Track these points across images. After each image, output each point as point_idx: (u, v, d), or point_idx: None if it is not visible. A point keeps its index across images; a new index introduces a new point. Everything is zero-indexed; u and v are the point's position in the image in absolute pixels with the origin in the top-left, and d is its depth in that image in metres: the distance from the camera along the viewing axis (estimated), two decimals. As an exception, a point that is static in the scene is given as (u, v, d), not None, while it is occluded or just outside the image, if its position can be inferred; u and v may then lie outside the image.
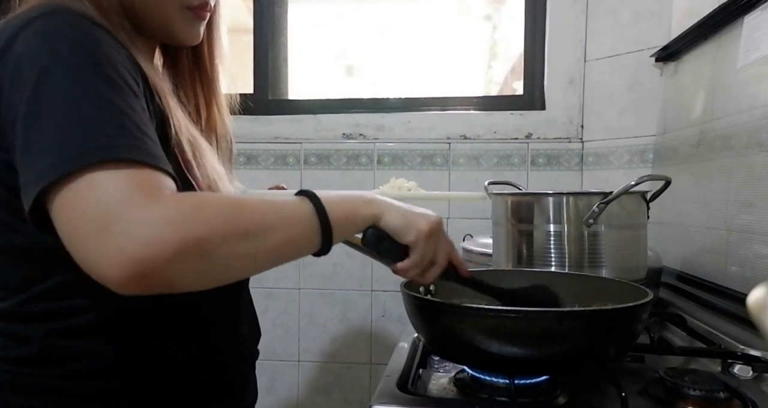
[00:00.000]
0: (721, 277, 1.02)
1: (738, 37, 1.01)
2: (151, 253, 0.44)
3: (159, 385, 0.63)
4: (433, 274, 0.66)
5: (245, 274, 0.56)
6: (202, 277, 0.50)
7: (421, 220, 0.63)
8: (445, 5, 1.80)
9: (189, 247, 0.46)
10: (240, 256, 0.50)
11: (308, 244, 0.56)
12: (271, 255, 0.54)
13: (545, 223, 0.94)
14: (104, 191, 0.46)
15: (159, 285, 0.46)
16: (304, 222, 0.55)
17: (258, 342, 0.79)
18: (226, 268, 0.51)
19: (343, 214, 0.59)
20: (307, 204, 0.56)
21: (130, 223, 0.45)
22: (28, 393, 0.59)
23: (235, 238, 0.49)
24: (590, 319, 0.63)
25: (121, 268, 0.44)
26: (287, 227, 0.54)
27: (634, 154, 1.47)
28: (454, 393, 0.70)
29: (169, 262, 0.45)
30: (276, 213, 0.54)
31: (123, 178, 0.47)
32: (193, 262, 0.47)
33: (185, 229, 0.46)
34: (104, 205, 0.45)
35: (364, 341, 1.67)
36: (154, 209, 0.46)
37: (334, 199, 0.58)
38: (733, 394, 0.66)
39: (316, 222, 0.56)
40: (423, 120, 1.64)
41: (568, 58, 1.56)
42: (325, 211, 0.56)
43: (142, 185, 0.47)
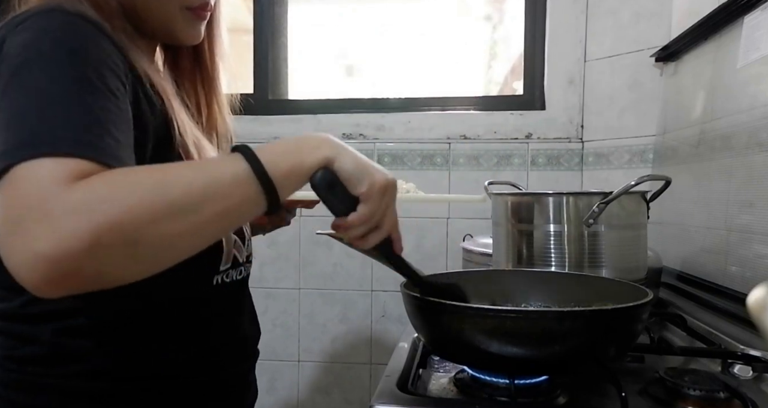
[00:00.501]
0: (721, 277, 1.02)
1: (738, 37, 1.01)
2: (63, 249, 0.40)
3: (160, 386, 0.63)
4: (375, 240, 0.57)
5: (185, 253, 0.48)
6: (134, 265, 0.45)
7: (378, 173, 0.55)
8: (445, 5, 1.80)
9: (106, 235, 0.41)
10: (172, 235, 0.45)
11: (252, 207, 0.50)
12: (210, 228, 0.48)
13: (545, 223, 0.94)
14: (22, 186, 0.43)
15: (83, 283, 0.43)
16: (242, 185, 0.49)
17: (258, 342, 0.79)
18: (160, 251, 0.46)
19: (288, 164, 0.51)
20: (242, 163, 0.49)
21: (42, 218, 0.41)
22: (32, 392, 0.59)
23: (163, 216, 0.44)
24: (590, 319, 0.63)
25: (36, 270, 0.41)
26: (223, 195, 0.48)
27: (634, 154, 1.47)
28: (454, 393, 0.70)
29: (86, 256, 0.40)
30: (208, 180, 0.48)
31: (45, 171, 0.43)
32: (116, 250, 0.42)
33: (98, 215, 0.41)
34: (18, 201, 0.42)
35: (364, 341, 1.67)
36: (64, 199, 0.42)
37: (275, 150, 0.52)
38: (733, 394, 0.66)
39: (255, 182, 0.49)
40: (423, 120, 1.64)
41: (568, 58, 1.56)
42: (264, 169, 0.49)
43: (62, 175, 0.43)
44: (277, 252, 1.68)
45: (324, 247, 1.65)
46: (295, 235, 1.67)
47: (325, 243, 1.63)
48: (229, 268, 0.69)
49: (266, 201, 0.50)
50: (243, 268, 0.72)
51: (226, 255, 0.67)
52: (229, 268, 0.68)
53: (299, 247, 1.67)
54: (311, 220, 1.61)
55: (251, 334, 0.76)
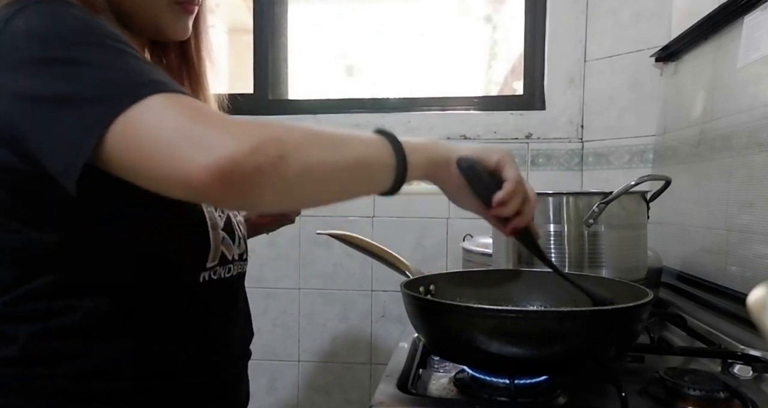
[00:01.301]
0: (721, 277, 1.02)
1: (738, 37, 1.01)
2: (233, 150, 0.44)
3: (143, 386, 0.62)
4: (532, 211, 0.66)
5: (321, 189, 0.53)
6: (282, 184, 0.48)
7: (494, 147, 0.65)
8: (445, 5, 1.80)
9: (268, 144, 0.46)
10: (318, 161, 0.50)
11: (382, 175, 0.56)
12: (348, 171, 0.53)
13: (545, 223, 0.94)
14: (173, 111, 0.47)
15: (241, 190, 0.46)
16: (381, 151, 0.56)
17: (249, 342, 0.78)
18: (305, 176, 0.49)
19: (418, 150, 0.59)
20: (383, 140, 0.57)
21: (211, 129, 0.45)
22: (16, 394, 0.58)
23: (311, 143, 0.50)
24: (590, 319, 0.63)
25: (207, 169, 0.44)
26: (364, 148, 0.55)
27: (634, 154, 1.47)
28: (454, 393, 0.70)
29: (248, 155, 0.45)
30: (351, 134, 0.55)
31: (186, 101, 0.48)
32: (272, 162, 0.46)
33: (264, 130, 0.47)
34: (178, 119, 0.46)
35: (364, 341, 1.67)
36: (230, 120, 0.47)
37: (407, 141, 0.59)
38: (733, 394, 0.66)
39: (393, 154, 0.56)
40: (423, 120, 1.64)
41: (568, 58, 1.56)
42: (402, 148, 0.57)
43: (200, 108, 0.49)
44: (277, 252, 1.68)
45: (324, 247, 1.65)
46: (295, 235, 1.67)
47: (325, 243, 1.63)
48: (216, 265, 0.67)
49: (395, 173, 0.57)
50: (233, 266, 0.71)
51: (213, 251, 0.66)
52: (216, 266, 0.67)
53: (299, 247, 1.67)
54: (311, 220, 1.62)
55: (243, 335, 0.75)
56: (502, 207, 0.63)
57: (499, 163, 0.63)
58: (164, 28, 0.68)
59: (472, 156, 0.63)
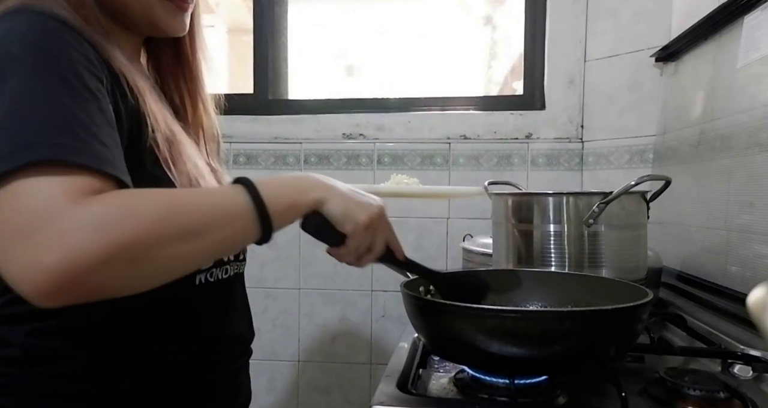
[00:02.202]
0: (721, 277, 1.02)
1: (738, 37, 1.01)
2: (73, 262, 0.41)
3: (141, 387, 0.62)
4: (368, 260, 0.66)
5: (183, 273, 0.52)
6: (136, 282, 0.47)
7: (361, 212, 0.61)
8: (445, 5, 1.80)
9: (116, 253, 0.43)
10: (175, 257, 0.48)
11: (247, 237, 0.55)
12: (209, 253, 0.54)
13: (545, 223, 0.94)
14: (28, 197, 0.43)
15: (83, 295, 0.44)
16: (243, 216, 0.53)
17: (250, 342, 0.78)
18: (162, 271, 0.49)
19: (284, 203, 0.57)
20: (245, 196, 0.54)
21: (51, 231, 0.42)
22: (18, 394, 0.58)
23: (169, 240, 0.47)
24: (590, 319, 0.63)
25: (40, 281, 0.41)
26: (225, 224, 0.52)
27: (634, 154, 1.47)
28: (454, 393, 0.70)
29: (94, 271, 0.42)
30: (213, 209, 0.52)
31: (51, 182, 0.44)
32: (123, 268, 0.44)
33: (112, 235, 0.43)
34: (26, 213, 0.43)
35: (364, 341, 1.67)
36: (78, 215, 0.43)
37: (274, 188, 0.56)
38: (733, 394, 0.66)
39: (255, 215, 0.53)
40: (423, 120, 1.64)
41: (568, 58, 1.56)
42: (263, 203, 0.54)
43: (72, 190, 0.44)
44: (277, 252, 1.68)
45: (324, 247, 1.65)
46: (295, 235, 1.67)
47: (325, 243, 1.63)
48: (212, 267, 0.67)
49: (261, 234, 0.55)
50: (229, 267, 0.71)
51: None
52: (212, 268, 0.67)
53: (299, 247, 1.67)
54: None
55: (242, 334, 0.75)
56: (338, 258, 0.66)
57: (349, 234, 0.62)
58: (158, 23, 0.67)
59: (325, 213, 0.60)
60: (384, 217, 0.65)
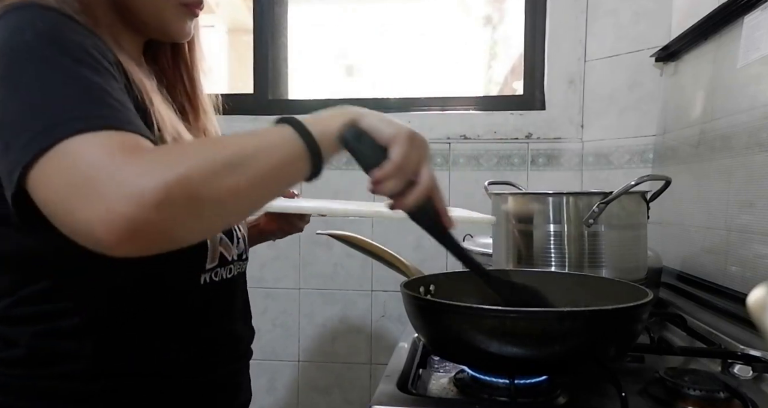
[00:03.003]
0: (721, 277, 1.02)
1: (738, 37, 1.01)
2: (137, 205, 0.42)
3: (145, 386, 0.62)
4: (415, 196, 0.57)
5: (242, 209, 0.52)
6: (198, 221, 0.47)
7: (400, 124, 0.57)
8: (445, 5, 1.80)
9: (173, 189, 0.43)
10: (229, 188, 0.47)
11: (298, 168, 0.53)
12: (263, 183, 0.51)
13: (545, 223, 0.94)
14: (84, 156, 0.45)
15: (154, 239, 0.45)
16: (289, 144, 0.52)
17: (251, 342, 0.78)
18: (221, 206, 0.48)
19: (324, 127, 0.55)
20: (288, 128, 0.53)
21: (113, 182, 0.43)
22: (19, 394, 0.59)
23: (218, 171, 0.46)
24: (590, 319, 0.63)
25: (113, 228, 0.42)
26: (272, 152, 0.51)
27: (634, 154, 1.47)
28: (454, 393, 0.70)
29: (157, 210, 0.43)
30: (256, 140, 0.52)
31: (101, 141, 0.46)
32: (183, 205, 0.44)
33: (165, 174, 0.44)
34: (86, 169, 0.44)
35: (364, 341, 1.67)
36: (133, 164, 0.44)
37: (311, 118, 0.56)
38: (733, 394, 0.66)
39: (302, 143, 0.53)
40: (423, 120, 1.64)
41: (568, 58, 1.56)
42: (307, 129, 0.53)
43: (121, 146, 0.46)
44: (277, 252, 1.68)
45: (324, 247, 1.65)
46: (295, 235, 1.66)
47: (325, 243, 1.63)
48: (217, 266, 0.67)
49: (310, 161, 0.53)
50: (233, 267, 0.71)
51: (211, 253, 0.66)
52: (216, 267, 0.67)
53: (299, 247, 1.67)
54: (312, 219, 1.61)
55: (243, 334, 0.76)
56: (378, 185, 0.56)
57: (391, 140, 0.56)
58: (169, 28, 0.68)
59: (363, 126, 0.57)
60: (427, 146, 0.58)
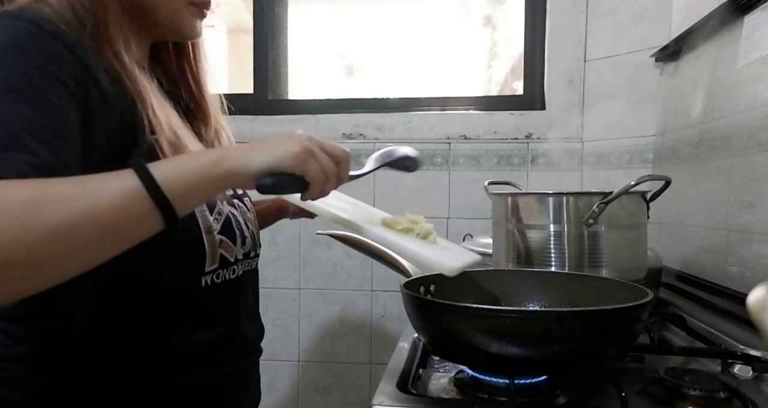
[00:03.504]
0: (721, 277, 1.02)
1: (738, 37, 1.01)
2: None
3: (152, 386, 0.63)
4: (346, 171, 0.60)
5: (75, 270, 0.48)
6: (28, 283, 0.45)
7: (287, 144, 0.53)
8: (445, 5, 1.80)
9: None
10: (53, 256, 0.44)
11: (144, 224, 0.48)
12: (96, 247, 0.47)
13: (545, 223, 0.94)
14: None
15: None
16: (129, 202, 0.47)
17: (260, 340, 0.79)
18: (45, 270, 0.45)
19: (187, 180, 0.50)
20: (132, 178, 0.47)
21: None
22: (26, 391, 0.61)
23: (41, 240, 0.43)
24: (590, 319, 0.62)
25: None
26: (106, 213, 0.46)
27: (634, 154, 1.47)
28: (454, 393, 0.70)
29: None
30: (89, 198, 0.46)
31: None
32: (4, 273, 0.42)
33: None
34: None
35: (364, 341, 1.67)
36: None
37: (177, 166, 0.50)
38: (733, 394, 0.66)
39: (148, 199, 0.47)
40: (423, 120, 1.64)
41: (568, 58, 1.56)
42: (156, 184, 0.47)
43: None
44: (277, 252, 1.68)
45: (324, 247, 1.65)
46: (295, 235, 1.67)
47: (325, 243, 1.63)
48: (218, 268, 0.67)
49: (162, 217, 0.48)
50: (237, 267, 0.71)
51: (210, 256, 0.65)
52: (217, 269, 0.67)
53: (299, 247, 1.67)
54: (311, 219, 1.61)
55: (250, 332, 0.76)
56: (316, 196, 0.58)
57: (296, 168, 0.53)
58: (181, 27, 0.70)
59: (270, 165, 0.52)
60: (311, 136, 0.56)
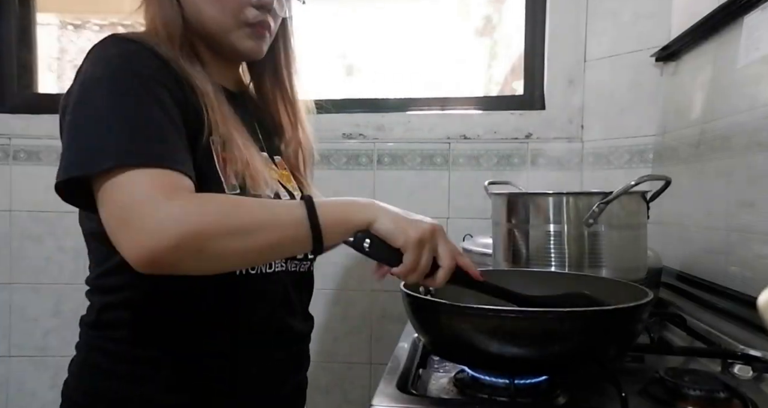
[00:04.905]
0: (721, 277, 1.01)
1: (738, 37, 1.01)
2: (157, 244, 0.55)
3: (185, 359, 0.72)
4: (441, 277, 0.66)
5: (240, 265, 0.65)
6: (199, 265, 0.59)
7: (412, 227, 0.64)
8: (445, 5, 1.80)
9: (187, 240, 0.56)
10: (232, 250, 0.59)
11: (299, 245, 0.63)
12: (262, 251, 0.62)
13: (545, 223, 0.94)
14: (131, 190, 0.58)
15: (167, 269, 0.58)
16: (296, 224, 0.61)
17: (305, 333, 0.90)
18: (220, 260, 0.60)
19: (335, 218, 0.63)
20: (301, 208, 0.62)
21: (145, 219, 0.56)
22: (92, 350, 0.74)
23: (228, 234, 0.58)
24: (590, 319, 0.63)
25: (137, 254, 0.56)
26: (278, 228, 0.61)
27: (634, 154, 1.47)
28: (454, 393, 0.70)
29: (170, 252, 0.56)
30: (269, 214, 0.61)
31: (147, 179, 0.58)
32: (191, 252, 0.57)
33: (186, 225, 0.56)
34: (129, 202, 0.57)
35: (364, 341, 1.67)
36: (165, 207, 0.57)
37: (329, 205, 0.64)
38: (733, 394, 0.66)
39: (307, 225, 0.61)
40: (423, 120, 1.64)
41: (568, 58, 1.56)
42: (316, 215, 0.61)
43: (162, 186, 0.58)
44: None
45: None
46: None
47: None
48: None
49: (312, 243, 0.62)
50: (273, 263, 0.76)
51: None
52: None
53: (299, 247, 1.67)
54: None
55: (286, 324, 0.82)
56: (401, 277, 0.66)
57: (403, 247, 0.64)
58: (238, 48, 0.77)
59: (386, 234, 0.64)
60: (439, 234, 0.66)
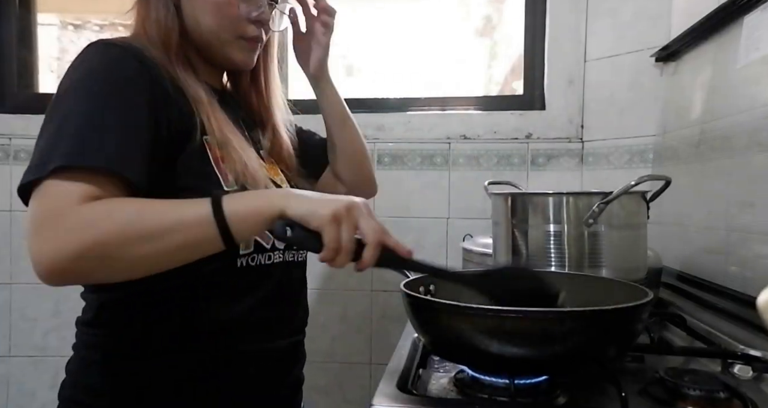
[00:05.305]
0: (721, 277, 1.01)
1: (738, 37, 1.01)
2: (59, 255, 0.56)
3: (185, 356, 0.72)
4: (369, 255, 0.62)
5: (154, 269, 0.62)
6: (110, 273, 0.60)
7: (324, 205, 0.60)
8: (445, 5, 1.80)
9: (88, 250, 0.56)
10: (140, 256, 0.58)
11: (209, 243, 0.61)
12: (172, 254, 0.61)
13: (545, 223, 0.94)
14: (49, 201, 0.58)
15: (73, 280, 0.60)
16: (201, 222, 0.60)
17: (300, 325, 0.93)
18: (130, 266, 0.60)
19: (244, 211, 0.61)
20: (207, 205, 0.60)
21: (52, 230, 0.57)
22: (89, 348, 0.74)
23: (134, 240, 0.58)
24: (590, 319, 0.63)
25: (41, 266, 0.57)
26: (185, 228, 0.59)
27: (634, 154, 1.47)
28: (454, 393, 0.70)
29: (72, 262, 0.56)
30: (176, 215, 0.60)
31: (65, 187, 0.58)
32: (95, 261, 0.57)
33: (87, 235, 0.56)
34: (44, 213, 0.58)
35: (364, 341, 1.67)
36: (69, 217, 0.57)
37: (238, 198, 0.62)
38: (733, 394, 0.66)
39: (213, 222, 0.59)
40: (423, 120, 1.64)
41: (568, 58, 1.56)
42: (221, 210, 0.60)
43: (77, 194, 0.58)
44: (277, 252, 1.68)
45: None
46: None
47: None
48: (252, 252, 0.75)
49: (222, 240, 0.60)
50: (273, 254, 0.79)
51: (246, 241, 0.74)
52: (252, 253, 0.75)
53: (299, 247, 1.67)
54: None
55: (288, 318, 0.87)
56: (330, 264, 0.62)
57: (319, 228, 0.60)
58: (233, 59, 0.82)
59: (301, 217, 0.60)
60: (358, 210, 0.62)
